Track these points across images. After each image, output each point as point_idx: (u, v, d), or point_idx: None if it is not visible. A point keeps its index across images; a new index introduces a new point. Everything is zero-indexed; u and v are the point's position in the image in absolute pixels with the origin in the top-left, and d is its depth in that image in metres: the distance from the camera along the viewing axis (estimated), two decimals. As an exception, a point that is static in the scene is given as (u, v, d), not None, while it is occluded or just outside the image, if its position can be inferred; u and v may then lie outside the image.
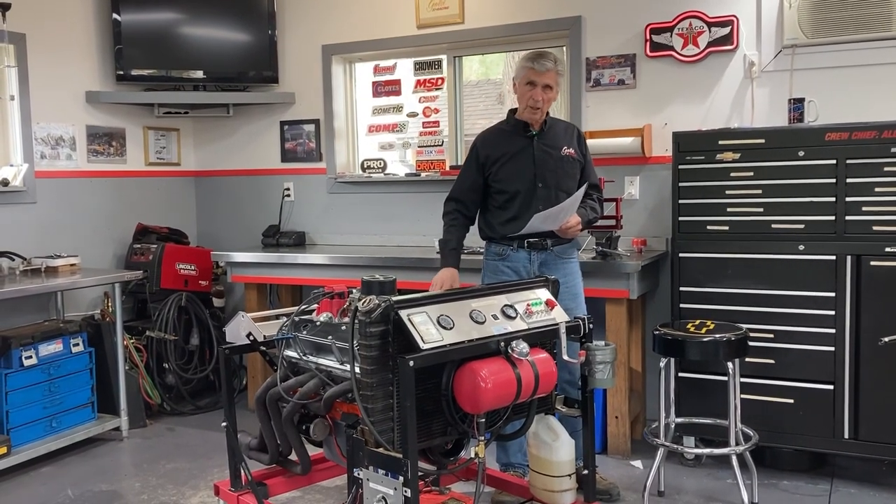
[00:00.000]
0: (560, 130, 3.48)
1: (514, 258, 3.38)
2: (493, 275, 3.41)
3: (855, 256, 3.43)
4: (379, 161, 5.08)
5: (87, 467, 3.99)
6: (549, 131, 3.43)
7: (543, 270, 3.32)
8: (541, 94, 3.30)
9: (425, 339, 2.27)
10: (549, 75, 3.29)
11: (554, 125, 3.47)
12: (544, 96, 3.31)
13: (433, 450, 2.63)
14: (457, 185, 3.52)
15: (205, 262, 5.09)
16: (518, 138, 3.41)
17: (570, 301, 3.33)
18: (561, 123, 3.55)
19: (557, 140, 3.42)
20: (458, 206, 3.48)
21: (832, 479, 3.63)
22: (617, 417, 3.94)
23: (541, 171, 3.36)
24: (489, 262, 3.47)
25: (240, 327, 2.98)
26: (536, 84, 3.29)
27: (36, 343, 4.03)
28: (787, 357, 3.56)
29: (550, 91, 3.32)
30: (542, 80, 3.29)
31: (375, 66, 5.14)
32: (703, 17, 4.12)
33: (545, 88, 3.30)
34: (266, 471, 2.97)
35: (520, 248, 3.37)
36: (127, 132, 5.13)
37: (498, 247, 3.42)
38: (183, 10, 5.04)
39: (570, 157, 3.42)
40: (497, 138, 3.46)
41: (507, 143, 3.41)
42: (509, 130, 3.45)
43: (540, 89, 3.29)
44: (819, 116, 3.81)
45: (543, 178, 3.36)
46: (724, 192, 3.65)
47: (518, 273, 3.36)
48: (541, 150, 3.39)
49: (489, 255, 3.48)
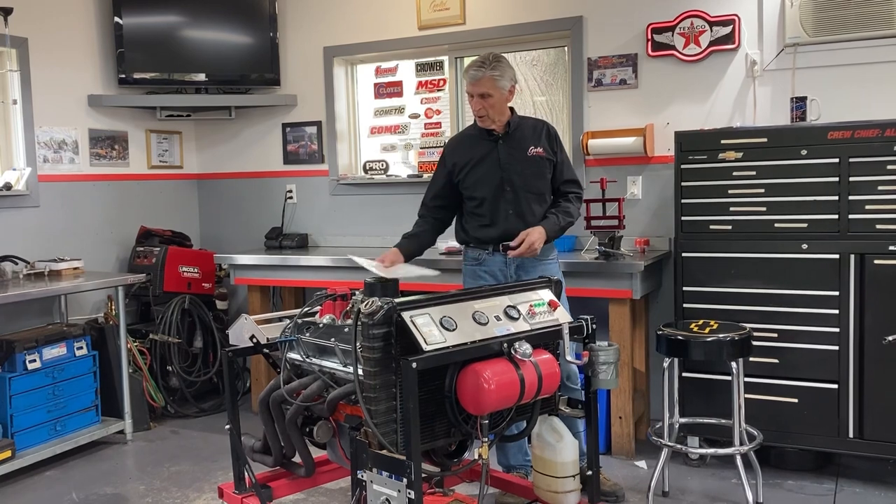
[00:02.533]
0: (527, 130, 3.41)
1: (490, 262, 3.36)
2: (472, 280, 3.41)
3: (858, 255, 3.42)
4: (381, 162, 5.08)
5: (92, 471, 3.99)
6: (514, 133, 3.37)
7: (520, 273, 3.31)
8: (480, 102, 3.26)
9: (428, 341, 2.28)
10: (482, 83, 3.24)
11: (521, 125, 3.41)
12: (485, 104, 3.26)
13: (437, 451, 2.63)
14: (428, 188, 3.53)
15: (208, 264, 5.09)
16: (483, 143, 3.38)
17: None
18: (529, 122, 3.48)
19: (524, 141, 3.37)
20: (424, 212, 3.51)
21: (837, 478, 3.62)
22: (621, 418, 3.94)
23: (507, 175, 3.33)
24: (467, 267, 3.46)
25: (243, 330, 2.99)
26: (473, 95, 3.28)
27: (40, 347, 4.04)
28: (791, 356, 3.56)
29: (491, 98, 3.25)
30: (477, 90, 3.25)
31: (377, 67, 5.15)
32: (705, 17, 4.11)
33: (484, 97, 3.25)
34: (270, 473, 2.97)
35: (495, 251, 3.35)
36: (129, 135, 5.14)
37: (474, 251, 3.42)
38: (184, 12, 5.05)
39: (537, 157, 3.36)
40: (463, 144, 3.45)
41: (473, 148, 3.39)
42: (475, 135, 3.42)
43: (478, 99, 3.26)
44: (821, 115, 3.81)
45: (510, 182, 3.32)
46: (727, 191, 3.64)
47: (496, 277, 3.33)
48: (506, 152, 3.35)
49: (467, 260, 3.47)
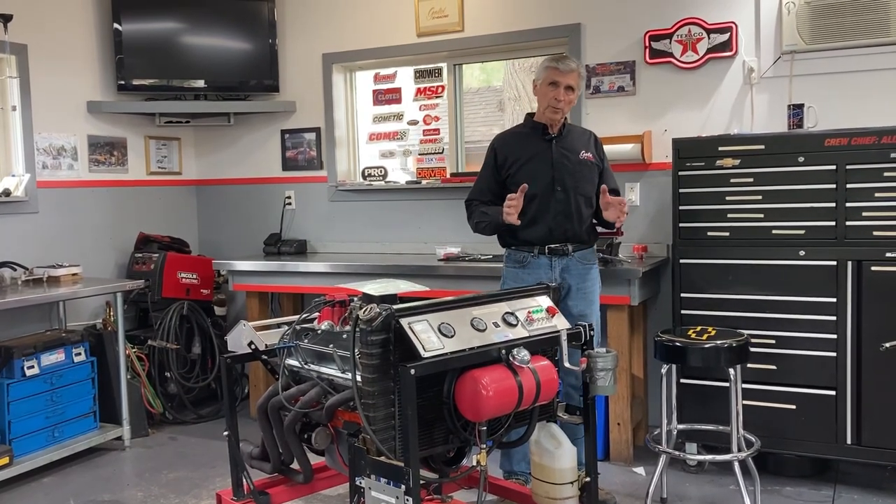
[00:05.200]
0: (577, 135, 3.49)
1: (534, 265, 3.36)
2: (513, 283, 3.36)
3: (855, 262, 3.43)
4: (380, 169, 5.09)
5: (90, 477, 3.99)
6: (567, 135, 3.43)
7: (565, 276, 3.32)
8: (563, 94, 3.31)
9: (426, 348, 2.28)
10: (572, 76, 3.31)
11: (572, 129, 3.49)
12: (566, 97, 3.32)
13: (435, 458, 2.63)
14: (475, 186, 3.52)
15: (206, 270, 5.09)
16: (536, 141, 3.40)
17: (586, 307, 3.32)
18: (578, 129, 3.58)
19: (575, 144, 3.43)
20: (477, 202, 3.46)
21: (835, 484, 3.62)
22: (619, 424, 3.94)
23: (559, 175, 3.36)
24: (509, 270, 3.44)
25: (241, 336, 2.98)
26: (559, 84, 3.30)
27: (38, 353, 4.03)
28: (789, 363, 3.56)
29: (572, 93, 3.33)
30: (566, 80, 3.30)
31: (376, 74, 5.16)
32: (702, 24, 4.13)
33: (567, 89, 3.31)
34: (268, 480, 2.97)
35: (541, 254, 3.35)
36: (128, 142, 5.14)
37: (518, 253, 3.40)
38: (184, 19, 5.06)
39: (588, 161, 3.42)
40: (515, 140, 3.46)
41: (526, 145, 3.41)
42: (528, 133, 3.46)
43: (562, 90, 3.30)
44: (818, 122, 3.82)
45: (562, 182, 3.35)
46: (725, 198, 3.65)
47: (539, 280, 3.28)
48: (559, 153, 3.38)
49: (509, 263, 3.45)
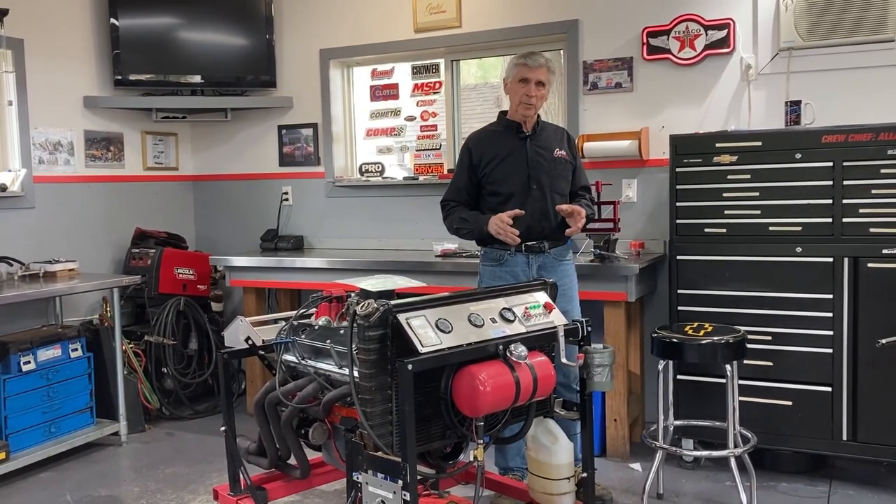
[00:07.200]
0: (551, 132, 3.50)
1: (511, 262, 3.37)
2: (491, 281, 3.37)
3: (852, 258, 3.44)
4: (377, 165, 5.08)
5: (86, 472, 3.98)
6: (541, 133, 3.44)
7: (542, 273, 3.32)
8: (534, 90, 3.31)
9: (424, 343, 2.28)
10: (541, 71, 3.32)
11: (545, 127, 3.49)
12: (538, 92, 3.32)
13: (432, 453, 2.63)
14: (450, 186, 3.52)
15: (203, 266, 5.09)
16: (511, 139, 3.41)
17: (566, 303, 3.32)
18: (551, 126, 3.57)
19: (549, 142, 3.44)
20: (454, 203, 3.47)
21: (831, 480, 3.63)
22: (616, 420, 3.95)
23: (535, 173, 3.36)
24: (486, 268, 3.44)
25: (238, 331, 2.98)
26: (530, 80, 3.31)
27: (34, 348, 4.03)
28: (786, 359, 3.57)
29: (543, 88, 3.34)
30: (535, 76, 3.31)
31: (373, 70, 5.15)
32: (700, 21, 4.13)
33: (538, 85, 3.32)
34: (265, 475, 2.97)
35: (517, 252, 3.36)
36: (125, 137, 5.14)
37: (495, 252, 3.40)
38: (181, 14, 5.05)
39: (562, 159, 3.43)
40: (490, 139, 3.46)
41: (500, 143, 3.41)
42: (502, 131, 3.45)
43: (533, 85, 3.31)
44: (815, 119, 3.83)
45: (538, 180, 3.36)
46: (722, 194, 3.65)
47: (517, 278, 3.32)
48: (534, 151, 3.39)
49: (485, 261, 3.45)
